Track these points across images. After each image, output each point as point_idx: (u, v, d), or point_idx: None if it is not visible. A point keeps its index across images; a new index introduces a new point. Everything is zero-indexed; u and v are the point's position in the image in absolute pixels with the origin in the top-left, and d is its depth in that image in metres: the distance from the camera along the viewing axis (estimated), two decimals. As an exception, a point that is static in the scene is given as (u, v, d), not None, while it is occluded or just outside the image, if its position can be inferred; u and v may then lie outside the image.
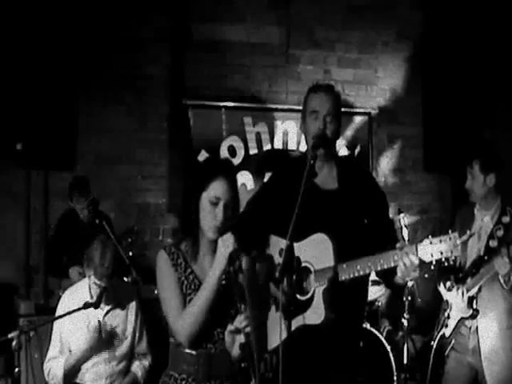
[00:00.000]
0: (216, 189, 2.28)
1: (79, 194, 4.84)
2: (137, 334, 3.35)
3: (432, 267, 2.26)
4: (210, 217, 2.28)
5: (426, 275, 4.17)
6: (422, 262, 2.27)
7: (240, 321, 2.18)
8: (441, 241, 2.23)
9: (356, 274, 2.40)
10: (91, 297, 3.22)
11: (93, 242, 3.27)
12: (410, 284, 4.42)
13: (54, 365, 3.24)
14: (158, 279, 2.34)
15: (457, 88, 5.76)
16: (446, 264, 2.23)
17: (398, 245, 2.34)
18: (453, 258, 2.22)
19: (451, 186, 5.95)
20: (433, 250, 2.24)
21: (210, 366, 2.29)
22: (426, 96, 5.94)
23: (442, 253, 2.22)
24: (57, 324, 3.27)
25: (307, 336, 2.49)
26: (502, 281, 3.33)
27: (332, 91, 2.67)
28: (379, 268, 2.37)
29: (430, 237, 2.26)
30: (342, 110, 2.76)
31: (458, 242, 2.20)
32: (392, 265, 2.33)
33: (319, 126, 2.58)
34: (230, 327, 2.21)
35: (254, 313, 2.21)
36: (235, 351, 2.23)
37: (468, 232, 2.25)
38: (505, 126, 5.66)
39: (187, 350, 2.28)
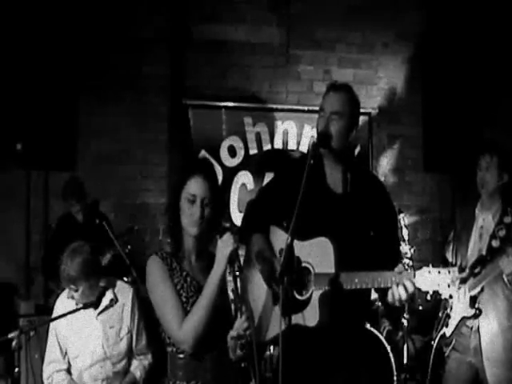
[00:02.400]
0: (192, 186, 2.29)
1: (71, 196, 4.86)
2: (134, 334, 3.27)
3: (428, 298, 2.23)
4: (187, 214, 2.29)
5: (421, 307, 4.17)
6: (418, 290, 2.25)
7: (241, 323, 2.19)
8: (439, 272, 2.19)
9: (353, 287, 2.38)
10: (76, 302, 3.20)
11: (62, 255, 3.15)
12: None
13: (57, 379, 3.22)
14: (151, 286, 2.29)
15: (456, 88, 5.76)
16: (441, 297, 2.20)
17: (396, 269, 2.31)
18: (449, 293, 2.18)
19: (451, 186, 5.95)
20: (430, 280, 2.21)
21: (218, 368, 2.30)
22: (425, 96, 5.94)
23: (438, 285, 2.19)
24: (52, 326, 3.23)
25: (303, 335, 2.49)
26: (506, 280, 3.33)
27: (343, 91, 2.63)
28: (376, 286, 2.35)
29: (430, 266, 2.23)
30: (358, 111, 2.71)
31: (456, 277, 2.17)
32: (389, 285, 2.31)
33: (323, 125, 2.56)
34: (232, 333, 2.22)
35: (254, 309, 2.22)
36: (238, 354, 2.24)
37: (467, 270, 2.22)
38: (505, 126, 5.66)
39: (190, 357, 2.27)
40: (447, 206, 5.88)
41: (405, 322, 4.37)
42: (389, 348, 4.31)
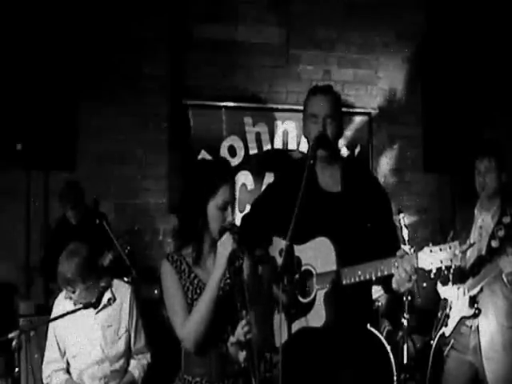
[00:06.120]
0: (225, 194, 2.31)
1: (67, 201, 4.87)
2: (132, 333, 3.26)
3: (432, 276, 2.24)
4: (219, 221, 2.30)
5: (425, 284, 4.18)
6: (421, 270, 2.26)
7: (241, 327, 2.19)
8: (441, 249, 2.21)
9: (357, 279, 2.40)
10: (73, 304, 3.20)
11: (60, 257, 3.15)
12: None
13: (56, 378, 3.23)
14: (163, 289, 2.37)
15: (456, 88, 5.77)
16: (445, 273, 2.21)
17: (398, 253, 2.32)
18: (453, 267, 2.20)
19: (451, 186, 5.96)
20: (433, 258, 2.22)
21: (222, 365, 2.32)
22: (425, 96, 5.95)
23: (441, 261, 2.20)
24: (51, 326, 3.23)
25: (311, 338, 2.49)
26: (505, 280, 3.34)
27: (330, 92, 2.64)
28: (379, 274, 2.35)
29: (430, 245, 2.24)
30: (343, 110, 2.74)
31: (458, 251, 2.18)
32: (392, 271, 2.32)
33: (319, 129, 2.56)
34: (232, 339, 2.24)
35: (256, 314, 2.22)
36: (241, 358, 2.25)
37: (468, 242, 2.22)
38: (505, 126, 5.66)
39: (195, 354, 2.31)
40: (447, 206, 5.89)
41: (405, 321, 4.36)
42: (389, 348, 4.31)
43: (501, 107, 5.77)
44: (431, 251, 2.23)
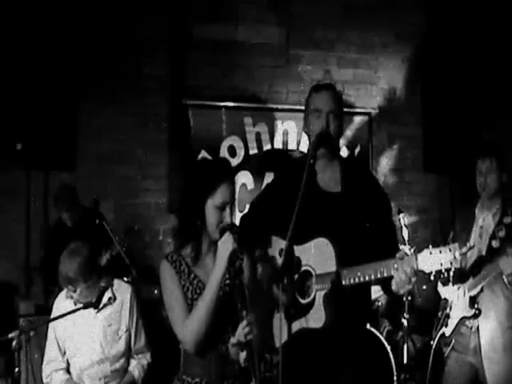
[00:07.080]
0: (223, 194, 2.29)
1: (61, 202, 4.88)
2: (132, 333, 3.27)
3: (431, 278, 2.24)
4: (217, 220, 2.29)
5: (425, 287, 4.18)
6: (421, 272, 2.26)
7: (242, 328, 2.19)
8: (440, 251, 2.20)
9: (356, 281, 2.39)
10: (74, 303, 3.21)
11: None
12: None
13: (56, 378, 3.23)
14: (162, 289, 2.35)
15: (456, 88, 5.77)
16: (445, 275, 2.21)
17: (397, 255, 2.31)
18: (452, 269, 2.20)
19: (450, 187, 5.96)
20: (432, 260, 2.21)
21: (222, 366, 2.32)
22: (425, 96, 5.95)
23: (441, 264, 2.19)
24: (51, 326, 3.24)
25: (311, 338, 2.49)
26: (506, 280, 3.34)
27: (333, 90, 2.66)
28: (379, 276, 2.35)
29: (430, 247, 2.24)
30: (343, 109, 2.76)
31: (458, 253, 2.18)
32: (392, 273, 2.31)
33: (322, 125, 2.56)
34: (233, 340, 2.23)
35: (256, 314, 2.22)
36: (242, 359, 2.25)
37: (468, 244, 2.22)
38: (504, 126, 5.66)
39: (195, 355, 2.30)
40: (447, 206, 5.89)
41: (405, 321, 4.36)
42: (389, 348, 4.31)
43: (500, 108, 5.77)
44: (431, 253, 2.22)
